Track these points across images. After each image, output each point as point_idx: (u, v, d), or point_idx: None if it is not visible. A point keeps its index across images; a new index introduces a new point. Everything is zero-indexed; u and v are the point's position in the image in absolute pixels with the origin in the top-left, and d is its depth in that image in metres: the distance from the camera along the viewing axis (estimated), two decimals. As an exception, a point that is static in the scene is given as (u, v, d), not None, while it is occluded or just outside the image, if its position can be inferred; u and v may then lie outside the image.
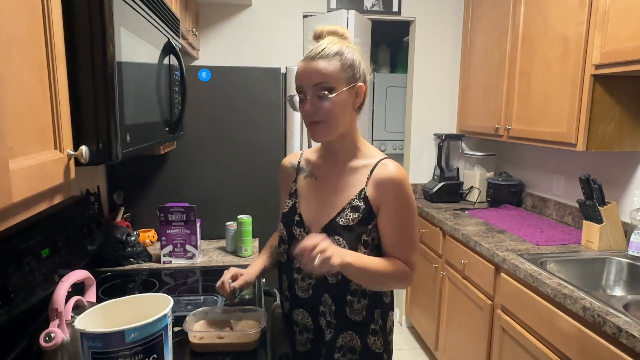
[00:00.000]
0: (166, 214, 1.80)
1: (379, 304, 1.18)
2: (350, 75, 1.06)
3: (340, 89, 1.04)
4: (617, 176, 2.13)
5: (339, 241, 1.09)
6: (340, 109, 1.06)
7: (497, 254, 1.94)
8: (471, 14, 2.97)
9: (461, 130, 3.15)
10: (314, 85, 1.03)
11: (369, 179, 1.11)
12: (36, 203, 0.71)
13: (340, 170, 1.15)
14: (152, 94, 1.24)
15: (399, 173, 1.10)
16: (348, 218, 1.10)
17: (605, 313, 1.37)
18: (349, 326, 1.15)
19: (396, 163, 1.13)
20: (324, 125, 1.06)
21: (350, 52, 1.06)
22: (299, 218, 1.17)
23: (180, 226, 1.81)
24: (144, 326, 0.79)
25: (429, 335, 2.78)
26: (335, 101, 1.04)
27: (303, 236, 1.14)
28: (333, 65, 1.03)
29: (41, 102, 0.72)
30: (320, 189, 1.17)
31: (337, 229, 1.10)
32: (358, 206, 1.10)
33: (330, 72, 1.03)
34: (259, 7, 2.92)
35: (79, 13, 0.83)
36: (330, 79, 1.03)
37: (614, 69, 1.74)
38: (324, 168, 1.18)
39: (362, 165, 1.13)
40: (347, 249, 1.07)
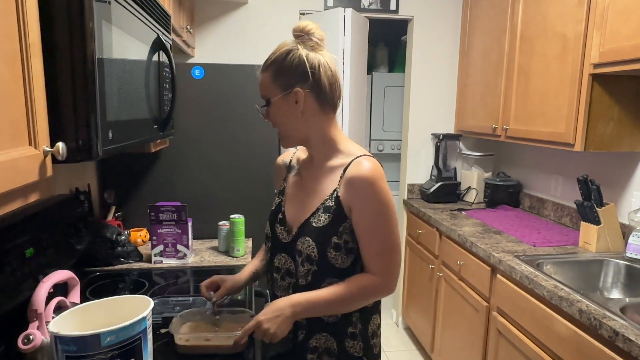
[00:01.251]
0: (157, 213, 1.76)
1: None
2: (285, 83, 1.04)
3: (273, 98, 1.06)
4: (615, 177, 2.10)
5: (308, 242, 1.06)
6: (281, 117, 1.07)
7: (494, 255, 1.91)
8: (469, 12, 2.94)
9: (459, 130, 3.12)
10: (261, 97, 1.10)
11: (341, 178, 1.06)
12: (8, 201, 0.68)
13: (318, 170, 1.13)
14: (140, 91, 1.22)
15: (371, 171, 1.02)
16: (320, 219, 1.06)
17: (601, 316, 1.35)
18: (322, 328, 1.11)
19: (373, 160, 1.06)
20: (279, 133, 1.11)
21: (289, 58, 1.04)
22: (282, 217, 1.16)
23: (171, 226, 1.78)
24: (120, 329, 0.77)
25: (425, 337, 2.75)
26: (271, 111, 1.08)
27: (283, 235, 1.14)
28: (266, 76, 1.06)
29: (13, 96, 0.69)
30: (302, 188, 1.16)
31: (309, 230, 1.07)
32: (330, 207, 1.06)
33: (264, 84, 1.07)
34: (255, 4, 2.90)
35: (57, 5, 0.81)
36: (264, 90, 1.07)
37: (612, 68, 1.72)
38: (307, 167, 1.17)
39: (337, 165, 1.09)
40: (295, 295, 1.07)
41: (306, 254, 1.07)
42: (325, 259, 1.06)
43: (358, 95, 2.87)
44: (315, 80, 1.04)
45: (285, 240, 1.13)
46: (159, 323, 1.26)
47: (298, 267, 1.10)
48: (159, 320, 1.27)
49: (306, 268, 1.08)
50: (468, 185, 3.05)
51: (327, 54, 1.08)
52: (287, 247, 1.13)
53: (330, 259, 1.06)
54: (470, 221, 2.49)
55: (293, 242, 1.10)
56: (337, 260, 1.06)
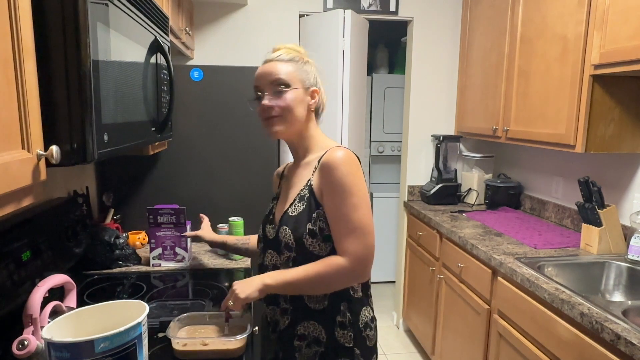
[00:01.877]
0: (155, 215, 1.74)
1: (344, 296, 1.15)
2: (305, 79, 1.16)
3: (295, 86, 1.13)
4: (616, 178, 2.09)
5: (285, 231, 1.12)
6: (296, 104, 1.13)
7: (494, 257, 1.90)
8: (469, 13, 2.93)
9: (459, 131, 3.11)
10: (271, 82, 1.13)
11: (316, 169, 1.13)
12: (0, 205, 0.68)
13: (299, 166, 1.21)
14: (137, 93, 1.21)
15: (338, 157, 1.07)
16: (296, 208, 1.13)
17: (603, 319, 1.33)
18: (308, 315, 1.14)
19: (344, 149, 1.10)
20: (279, 119, 1.13)
21: (302, 62, 1.17)
22: (272, 217, 1.23)
23: (169, 228, 1.76)
24: (114, 335, 0.76)
25: (426, 339, 2.74)
26: (290, 96, 1.12)
27: (270, 232, 1.20)
28: (288, 67, 1.14)
29: (6, 99, 0.68)
30: (287, 187, 1.24)
31: (286, 220, 1.13)
32: (304, 196, 1.13)
33: (286, 71, 1.13)
34: (254, 6, 2.89)
35: (51, 8, 0.80)
36: (286, 76, 1.13)
37: (613, 69, 1.71)
38: (292, 169, 1.25)
39: (314, 158, 1.17)
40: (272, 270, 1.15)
41: (284, 242, 1.12)
42: (302, 246, 1.10)
43: (358, 97, 2.86)
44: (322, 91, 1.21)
45: (271, 237, 1.19)
46: (156, 327, 1.25)
47: (280, 256, 1.15)
48: (156, 325, 1.26)
49: (286, 256, 1.14)
50: (468, 186, 3.04)
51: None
52: (272, 243, 1.18)
53: (308, 246, 1.10)
54: (470, 223, 2.48)
55: (276, 236, 1.16)
56: (315, 247, 1.10)
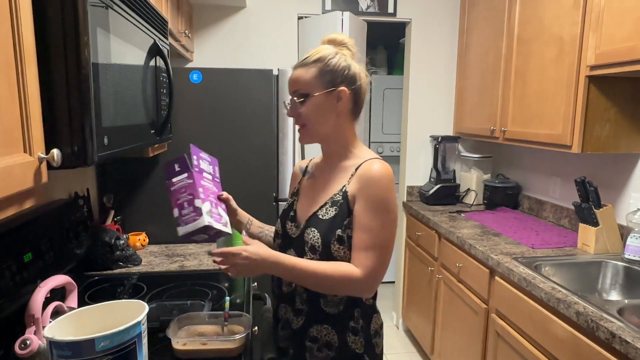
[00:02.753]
0: (198, 156, 1.17)
1: (358, 302, 1.14)
2: (329, 80, 1.11)
3: (314, 93, 1.10)
4: (613, 178, 2.11)
5: (313, 233, 1.10)
6: (316, 113, 1.11)
7: (492, 257, 1.91)
8: (467, 15, 2.95)
9: (457, 132, 3.13)
10: (293, 93, 1.14)
11: (352, 176, 1.13)
12: (3, 208, 0.69)
13: (332, 169, 1.19)
14: (136, 96, 1.23)
15: (381, 171, 1.09)
16: (327, 212, 1.12)
17: (598, 318, 1.35)
18: (323, 318, 1.13)
19: (385, 164, 1.11)
20: (305, 129, 1.15)
21: (335, 59, 1.11)
22: (294, 214, 1.21)
23: (210, 180, 1.18)
24: (115, 334, 0.77)
25: (425, 339, 2.75)
26: (309, 106, 1.11)
27: (293, 230, 1.18)
28: (310, 72, 1.11)
29: (7, 104, 0.70)
30: (315, 187, 1.21)
31: (315, 222, 1.12)
32: (337, 201, 1.12)
33: (305, 79, 1.11)
34: (253, 8, 2.91)
35: (51, 14, 0.82)
36: (304, 85, 1.11)
37: (608, 70, 1.72)
38: (321, 168, 1.24)
39: (350, 165, 1.16)
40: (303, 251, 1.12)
41: (311, 244, 1.11)
42: (328, 250, 1.09)
43: (356, 98, 2.87)
44: (357, 85, 1.14)
45: (294, 235, 1.17)
46: (156, 327, 1.26)
47: (303, 257, 1.12)
48: (156, 324, 1.27)
49: (309, 257, 1.12)
50: (467, 187, 3.05)
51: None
52: (295, 242, 1.16)
53: (333, 251, 1.09)
54: (469, 223, 2.50)
55: (301, 236, 1.14)
56: (340, 253, 1.09)
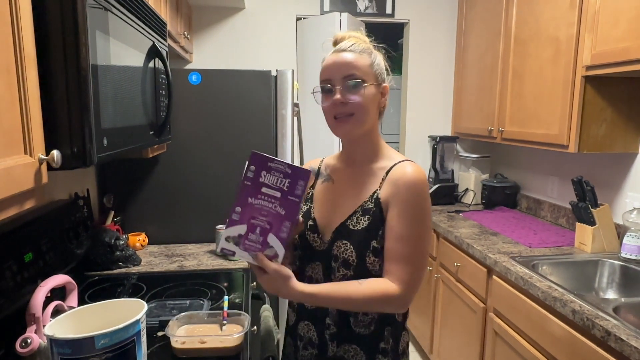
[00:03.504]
0: (260, 167, 0.96)
1: (389, 321, 1.06)
2: (378, 74, 1.05)
3: (371, 82, 1.02)
4: (609, 178, 2.12)
5: (346, 246, 1.01)
6: (370, 103, 1.02)
7: (489, 256, 1.92)
8: (464, 16, 2.97)
9: (456, 132, 3.14)
10: (345, 77, 1.01)
11: (383, 180, 1.03)
12: (3, 208, 0.71)
13: (357, 173, 1.09)
14: (135, 97, 1.24)
15: (417, 174, 1.00)
16: (358, 222, 1.02)
17: (594, 316, 1.36)
18: (352, 339, 1.04)
19: (418, 166, 1.03)
20: (353, 119, 1.02)
21: (375, 53, 1.06)
22: (313, 223, 1.09)
23: (273, 199, 0.96)
24: (114, 332, 0.79)
25: (424, 339, 2.76)
26: (366, 94, 1.01)
27: (317, 241, 1.07)
28: (363, 59, 1.02)
29: (8, 106, 0.71)
30: (336, 192, 1.10)
31: (346, 233, 1.02)
32: (369, 209, 1.02)
33: (362, 65, 1.01)
34: (252, 10, 2.92)
35: (51, 17, 0.83)
36: (361, 71, 1.01)
37: (604, 70, 1.73)
38: (341, 171, 1.13)
39: (379, 167, 1.06)
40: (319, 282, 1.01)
41: (343, 258, 1.01)
42: (363, 264, 1.00)
43: (355, 99, 2.89)
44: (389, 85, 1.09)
45: (319, 248, 1.06)
46: (155, 326, 1.28)
47: (333, 273, 1.04)
48: (155, 324, 1.29)
49: (342, 273, 1.02)
50: (465, 187, 3.06)
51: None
52: (321, 255, 1.06)
53: (368, 265, 1.00)
54: (467, 223, 2.51)
55: (329, 249, 1.04)
56: (375, 266, 1.00)
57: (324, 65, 1.04)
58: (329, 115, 1.04)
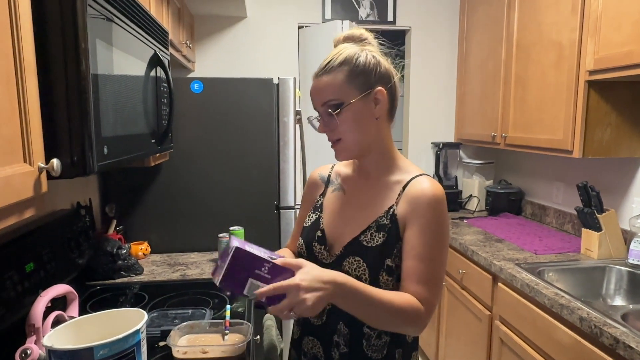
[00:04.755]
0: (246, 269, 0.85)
1: (401, 342, 1.01)
2: (363, 82, 0.95)
3: (350, 100, 0.94)
4: (615, 183, 2.10)
5: (359, 263, 0.95)
6: (354, 123, 0.96)
7: (494, 263, 1.90)
8: (466, 22, 2.97)
9: (459, 138, 3.13)
10: (322, 105, 0.97)
11: (400, 196, 0.98)
12: (2, 218, 0.70)
13: (371, 185, 1.03)
14: (137, 106, 1.24)
15: (437, 191, 0.95)
16: (373, 238, 0.96)
17: (602, 324, 1.34)
18: None
19: (435, 182, 0.98)
20: (342, 144, 0.98)
21: (362, 57, 0.95)
22: (321, 234, 1.04)
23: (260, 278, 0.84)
24: (113, 342, 0.77)
25: (429, 347, 2.73)
26: (345, 116, 0.95)
27: (323, 254, 1.02)
28: (338, 77, 0.94)
29: (8, 114, 0.71)
30: (348, 204, 1.05)
31: (359, 249, 0.97)
32: (385, 225, 0.96)
33: (336, 87, 0.94)
34: (254, 18, 2.94)
35: (51, 27, 0.83)
36: (336, 93, 0.94)
37: (607, 75, 1.72)
38: (354, 182, 1.07)
39: (395, 181, 1.00)
40: (357, 276, 0.93)
41: (355, 275, 0.95)
42: (376, 283, 0.94)
43: (357, 106, 2.89)
44: (392, 83, 0.99)
45: (326, 261, 1.01)
46: (157, 336, 1.26)
47: None
48: (157, 333, 1.27)
49: None
50: (469, 193, 3.05)
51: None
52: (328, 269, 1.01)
53: (381, 284, 0.94)
54: (471, 229, 2.49)
55: (337, 263, 0.99)
56: (388, 286, 0.95)
57: (310, 93, 1.01)
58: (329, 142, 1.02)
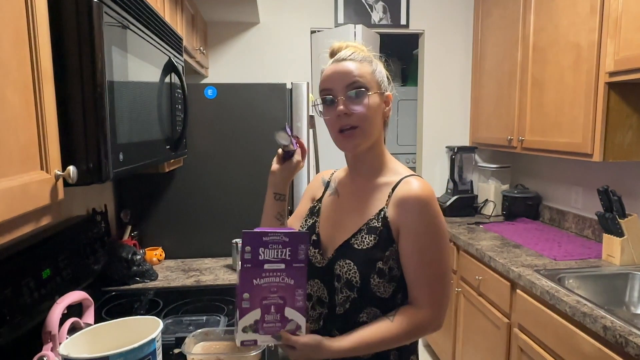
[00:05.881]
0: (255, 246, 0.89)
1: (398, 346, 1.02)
2: (381, 82, 1.00)
3: (374, 91, 0.97)
4: (637, 187, 2.04)
5: (349, 266, 0.96)
6: (374, 114, 0.97)
7: (513, 269, 1.86)
8: (481, 24, 2.94)
9: (474, 142, 3.09)
10: (347, 86, 0.95)
11: (390, 198, 0.98)
12: (19, 225, 0.70)
13: (362, 187, 1.04)
14: (151, 112, 1.24)
15: (423, 190, 0.95)
16: (363, 241, 0.97)
17: (627, 333, 1.29)
18: None
19: (423, 180, 0.98)
20: (358, 132, 0.96)
21: (376, 62, 1.02)
22: (316, 238, 1.05)
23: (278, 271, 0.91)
24: (129, 351, 0.77)
25: (446, 355, 2.68)
26: (370, 103, 0.95)
27: (317, 258, 1.03)
28: (364, 68, 0.97)
29: (25, 122, 0.71)
30: (341, 207, 1.06)
31: (350, 252, 0.97)
32: (375, 228, 0.97)
33: (363, 73, 0.96)
34: (267, 24, 2.95)
35: (68, 35, 0.83)
36: (364, 79, 0.96)
37: (629, 76, 1.68)
38: (347, 185, 1.09)
39: (384, 183, 1.01)
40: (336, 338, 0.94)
41: (346, 278, 0.96)
42: (367, 286, 0.95)
43: (371, 110, 2.87)
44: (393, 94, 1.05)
45: (319, 264, 1.03)
46: (172, 343, 1.26)
47: (336, 294, 1.00)
48: (172, 341, 1.27)
49: (345, 295, 0.98)
50: (485, 198, 3.00)
51: None
52: (321, 272, 1.02)
53: (373, 287, 0.95)
54: (488, 235, 2.44)
55: (330, 266, 1.00)
56: (380, 288, 0.96)
57: (324, 76, 0.99)
58: (333, 129, 0.99)
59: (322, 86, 0.99)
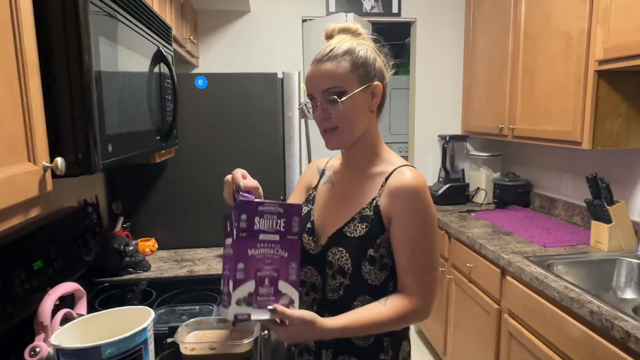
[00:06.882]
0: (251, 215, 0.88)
1: (389, 331, 1.04)
2: (364, 75, 0.97)
3: (352, 90, 0.96)
4: (625, 174, 2.07)
5: (341, 254, 0.99)
6: (354, 113, 0.97)
7: (503, 256, 1.89)
8: (472, 13, 2.93)
9: (466, 130, 3.10)
10: (323, 91, 0.97)
11: (382, 187, 1.00)
12: (7, 217, 0.70)
13: (356, 176, 1.06)
14: (141, 103, 1.23)
15: (416, 181, 0.96)
16: (356, 229, 0.99)
17: (613, 317, 1.32)
18: (352, 352, 1.03)
19: (416, 170, 1.00)
20: (337, 132, 0.99)
21: (363, 50, 0.98)
22: (311, 226, 1.07)
23: (272, 243, 0.91)
24: (121, 341, 0.77)
25: (437, 341, 2.72)
26: (347, 105, 0.96)
27: (311, 245, 1.05)
28: (342, 66, 0.95)
29: (11, 114, 0.70)
30: (334, 196, 1.08)
31: (342, 240, 1.00)
32: (367, 216, 0.99)
33: (339, 74, 0.95)
34: (257, 12, 2.92)
35: (53, 25, 0.82)
36: (339, 81, 0.95)
37: (617, 64, 1.69)
38: (341, 174, 1.10)
39: (378, 173, 1.03)
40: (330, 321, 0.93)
41: (338, 265, 0.99)
42: (358, 273, 0.98)
43: (363, 100, 2.87)
44: (385, 79, 1.02)
45: (313, 252, 1.05)
46: (165, 333, 1.27)
47: (327, 280, 1.02)
48: (165, 330, 1.28)
49: (338, 281, 1.00)
50: (477, 186, 3.02)
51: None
52: (314, 259, 1.04)
53: (364, 274, 0.99)
54: (479, 222, 2.47)
55: (323, 253, 1.02)
56: (371, 275, 0.99)
57: (306, 78, 1.01)
58: (319, 128, 1.02)
59: (306, 88, 1.02)
